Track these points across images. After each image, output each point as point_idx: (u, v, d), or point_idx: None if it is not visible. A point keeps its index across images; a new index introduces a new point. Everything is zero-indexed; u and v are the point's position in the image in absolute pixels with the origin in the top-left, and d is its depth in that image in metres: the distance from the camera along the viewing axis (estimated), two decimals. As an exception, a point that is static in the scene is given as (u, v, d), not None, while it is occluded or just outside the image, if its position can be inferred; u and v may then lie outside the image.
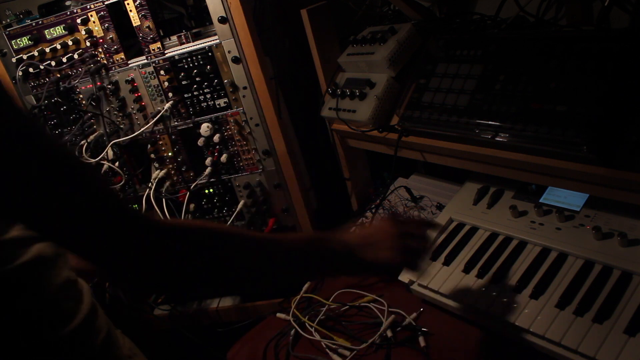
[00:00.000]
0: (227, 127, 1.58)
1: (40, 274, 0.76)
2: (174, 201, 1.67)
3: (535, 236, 1.17)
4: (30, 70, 1.63)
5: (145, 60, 1.56)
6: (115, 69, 1.60)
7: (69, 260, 0.85)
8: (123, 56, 1.58)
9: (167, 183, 1.69)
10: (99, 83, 1.62)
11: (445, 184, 1.57)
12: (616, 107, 0.96)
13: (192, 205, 1.69)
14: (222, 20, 1.42)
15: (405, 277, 1.26)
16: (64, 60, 1.59)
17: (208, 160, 1.61)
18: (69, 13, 1.56)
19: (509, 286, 1.10)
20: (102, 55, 1.59)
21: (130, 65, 1.58)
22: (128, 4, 1.49)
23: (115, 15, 1.55)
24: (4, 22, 1.64)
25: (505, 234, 1.23)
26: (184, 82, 1.55)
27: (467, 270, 1.19)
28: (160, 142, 1.67)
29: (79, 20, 1.55)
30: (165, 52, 1.54)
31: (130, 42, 1.60)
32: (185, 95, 1.57)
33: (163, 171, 1.68)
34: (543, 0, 1.27)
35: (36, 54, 1.60)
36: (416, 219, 1.12)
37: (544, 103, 1.04)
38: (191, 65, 1.53)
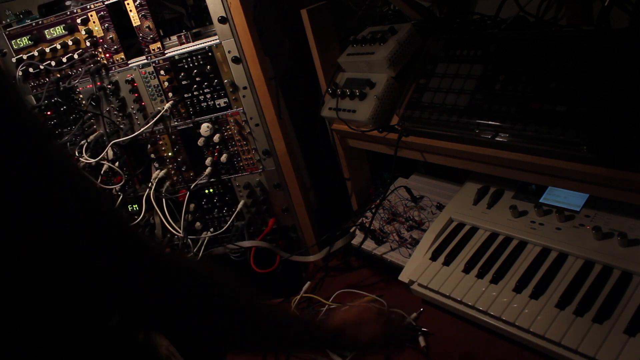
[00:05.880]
0: (227, 127, 1.58)
1: None
2: (174, 201, 1.67)
3: (535, 236, 1.17)
4: (30, 70, 1.63)
5: (145, 60, 1.56)
6: (115, 69, 1.60)
7: None
8: (123, 56, 1.58)
9: (167, 183, 1.69)
10: (99, 83, 1.62)
11: (445, 184, 1.57)
12: (616, 107, 0.96)
13: (192, 205, 1.69)
14: (222, 20, 1.42)
15: (405, 277, 1.27)
16: (64, 60, 1.59)
17: (208, 160, 1.61)
18: (69, 13, 1.56)
19: (509, 286, 1.11)
20: (102, 55, 1.59)
21: (130, 65, 1.58)
22: (128, 4, 1.49)
23: (115, 15, 1.54)
24: (4, 22, 1.63)
25: (505, 234, 1.23)
26: (184, 82, 1.55)
27: (467, 270, 1.19)
28: (160, 142, 1.66)
29: (79, 20, 1.55)
30: (165, 52, 1.54)
31: (130, 42, 1.60)
32: (185, 95, 1.57)
33: (163, 171, 1.68)
34: (543, 0, 1.27)
35: (36, 54, 1.60)
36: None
37: (544, 103, 1.04)
38: (191, 65, 1.53)
